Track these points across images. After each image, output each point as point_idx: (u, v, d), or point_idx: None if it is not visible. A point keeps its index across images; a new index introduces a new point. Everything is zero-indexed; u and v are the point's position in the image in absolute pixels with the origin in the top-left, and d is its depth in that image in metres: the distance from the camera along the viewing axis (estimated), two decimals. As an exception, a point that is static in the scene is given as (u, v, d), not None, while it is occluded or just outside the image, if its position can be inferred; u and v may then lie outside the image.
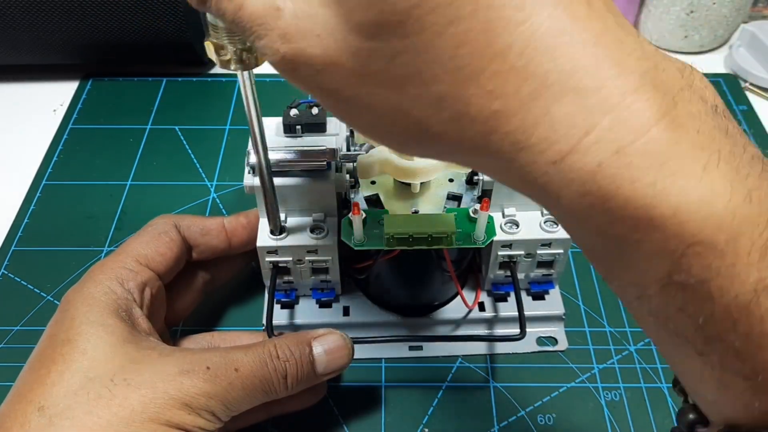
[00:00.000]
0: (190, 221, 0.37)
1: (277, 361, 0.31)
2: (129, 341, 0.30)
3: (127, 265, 0.33)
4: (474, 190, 0.37)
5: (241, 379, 0.29)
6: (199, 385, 0.29)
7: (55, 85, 0.61)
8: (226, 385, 0.29)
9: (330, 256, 0.37)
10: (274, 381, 0.30)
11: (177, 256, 0.35)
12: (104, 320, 0.30)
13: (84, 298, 0.31)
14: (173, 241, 0.35)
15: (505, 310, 0.42)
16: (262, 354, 0.30)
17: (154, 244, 0.35)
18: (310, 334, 0.33)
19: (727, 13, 0.61)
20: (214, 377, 0.29)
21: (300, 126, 0.37)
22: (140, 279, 0.33)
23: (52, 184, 0.52)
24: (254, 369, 0.30)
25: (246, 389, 0.30)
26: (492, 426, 0.38)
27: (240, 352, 0.30)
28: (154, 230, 0.35)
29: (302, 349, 0.32)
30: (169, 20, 0.55)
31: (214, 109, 0.58)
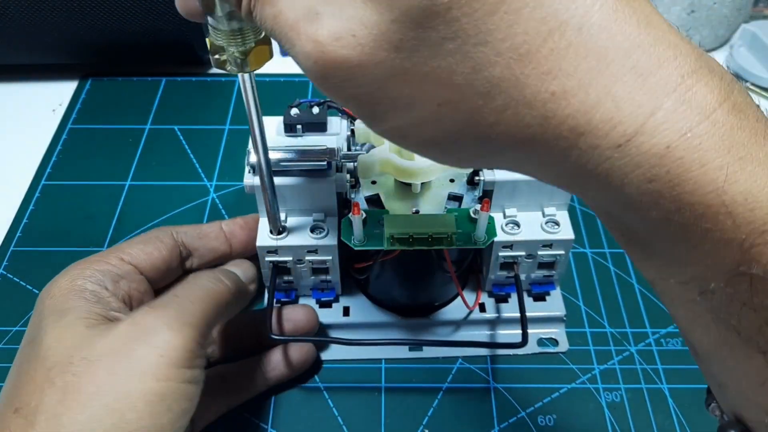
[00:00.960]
0: (187, 228, 0.37)
1: (204, 275, 0.33)
2: (85, 317, 0.29)
3: (105, 259, 0.33)
4: (475, 191, 0.37)
5: (185, 297, 0.30)
6: (151, 322, 0.29)
7: (54, 85, 0.61)
8: (175, 306, 0.30)
9: (330, 256, 0.37)
10: (212, 284, 0.32)
11: (165, 258, 0.35)
12: (63, 305, 0.30)
13: (51, 291, 0.31)
14: (163, 243, 0.35)
15: (506, 311, 0.41)
16: (189, 278, 0.33)
17: (143, 244, 0.35)
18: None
19: (727, 13, 0.60)
20: (161, 307, 0.29)
21: (301, 125, 0.37)
22: (116, 271, 0.32)
23: (52, 184, 0.52)
24: (190, 285, 0.31)
25: (195, 302, 0.30)
26: (492, 427, 0.38)
27: (171, 288, 0.32)
28: (147, 234, 0.36)
29: (216, 269, 0.34)
30: (169, 20, 0.55)
31: (214, 109, 0.58)
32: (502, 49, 0.17)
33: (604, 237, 0.48)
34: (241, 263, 0.36)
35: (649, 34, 0.17)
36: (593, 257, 0.46)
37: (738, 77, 0.61)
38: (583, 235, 0.48)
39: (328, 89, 0.20)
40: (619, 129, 0.17)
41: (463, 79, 0.18)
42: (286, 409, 0.38)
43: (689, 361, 0.41)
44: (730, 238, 0.17)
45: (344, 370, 0.40)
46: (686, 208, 0.17)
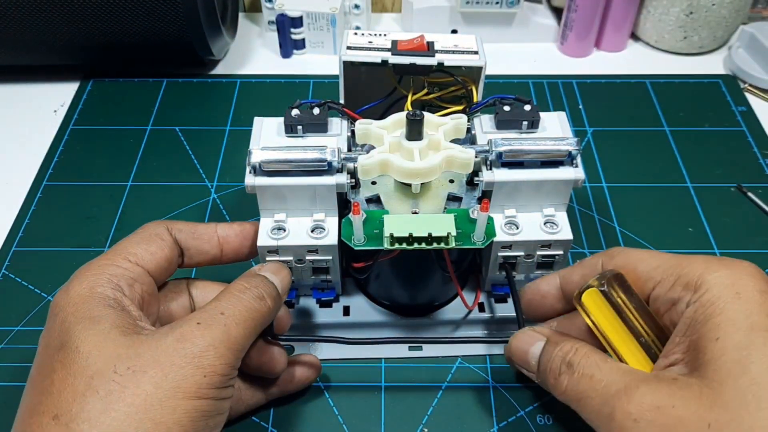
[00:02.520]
0: (182, 225, 0.37)
1: (249, 290, 0.32)
2: (119, 326, 0.29)
3: (116, 262, 0.32)
4: (474, 191, 0.37)
5: (231, 317, 0.30)
6: (199, 342, 0.29)
7: (55, 86, 0.61)
8: (222, 327, 0.30)
9: (330, 256, 0.37)
10: (256, 305, 0.32)
11: (168, 257, 0.35)
12: (91, 313, 0.30)
13: (70, 299, 0.30)
14: (165, 242, 0.35)
15: (505, 311, 0.42)
16: (234, 292, 0.32)
17: (145, 243, 0.34)
18: (253, 270, 0.35)
19: (726, 14, 0.61)
20: (208, 327, 0.29)
21: (301, 126, 0.37)
22: (129, 274, 0.32)
23: (53, 185, 0.52)
24: (236, 303, 0.31)
25: (240, 323, 0.30)
26: (491, 426, 0.38)
27: (215, 302, 0.31)
28: (144, 232, 0.35)
29: (259, 278, 0.33)
30: (170, 21, 0.55)
31: (215, 109, 0.58)
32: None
33: (603, 238, 0.48)
34: (279, 270, 0.35)
35: None
36: (592, 257, 0.47)
37: (736, 78, 0.62)
38: (581, 235, 0.48)
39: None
40: None
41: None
42: (286, 409, 0.39)
43: (687, 360, 0.41)
44: None
45: (344, 370, 0.40)
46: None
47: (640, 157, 0.54)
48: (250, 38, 0.67)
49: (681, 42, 0.63)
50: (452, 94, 0.40)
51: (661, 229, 0.48)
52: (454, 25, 0.65)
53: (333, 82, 0.60)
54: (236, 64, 0.64)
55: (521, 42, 0.66)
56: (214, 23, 0.57)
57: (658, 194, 0.51)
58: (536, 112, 0.38)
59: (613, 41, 0.65)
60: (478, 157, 0.36)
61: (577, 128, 0.57)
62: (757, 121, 0.57)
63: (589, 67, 0.64)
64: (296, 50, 0.64)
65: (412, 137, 0.35)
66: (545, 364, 0.32)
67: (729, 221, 0.49)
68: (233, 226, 0.38)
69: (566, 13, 0.63)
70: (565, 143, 0.36)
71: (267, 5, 0.64)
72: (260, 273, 0.34)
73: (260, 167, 0.35)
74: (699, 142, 0.55)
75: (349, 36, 0.40)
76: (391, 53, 0.38)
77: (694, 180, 0.52)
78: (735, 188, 0.52)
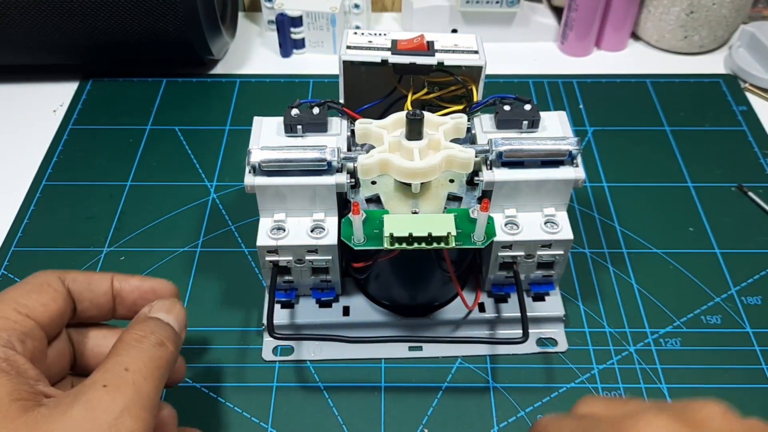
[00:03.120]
0: (76, 274, 0.33)
1: (146, 338, 0.30)
2: (17, 398, 0.26)
3: (5, 314, 0.29)
4: (474, 191, 0.37)
5: (137, 372, 0.28)
6: (112, 408, 0.26)
7: (55, 86, 0.61)
8: (131, 386, 0.27)
9: (330, 256, 0.37)
10: (158, 352, 0.29)
11: (61, 310, 0.31)
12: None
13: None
14: (57, 292, 0.31)
15: (506, 311, 0.42)
16: (131, 343, 0.29)
17: (37, 294, 0.30)
18: (142, 313, 0.32)
19: (726, 13, 0.61)
20: (117, 389, 0.27)
21: (301, 126, 0.37)
22: (20, 328, 0.29)
23: (52, 185, 0.52)
24: (138, 355, 0.28)
25: (148, 377, 0.28)
26: (492, 426, 0.38)
27: (114, 357, 0.28)
28: (35, 280, 0.31)
29: (152, 321, 0.31)
30: (170, 21, 0.55)
31: (214, 109, 0.58)
32: None
33: (603, 237, 0.48)
34: (171, 308, 0.32)
35: None
36: (592, 257, 0.47)
37: (737, 78, 0.62)
38: (582, 235, 0.48)
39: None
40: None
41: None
42: (286, 409, 0.38)
43: (688, 360, 0.41)
44: None
45: (344, 370, 0.40)
46: None
47: (640, 156, 0.54)
48: (250, 38, 0.67)
49: (681, 41, 0.63)
50: (452, 94, 0.40)
51: (661, 229, 0.48)
52: (454, 24, 0.65)
53: (333, 82, 0.60)
54: (236, 63, 0.64)
55: (521, 41, 0.66)
56: (213, 23, 0.57)
57: (659, 194, 0.51)
58: (536, 111, 0.38)
59: (614, 41, 0.65)
60: (478, 156, 0.36)
61: (577, 128, 0.57)
62: (757, 121, 0.57)
63: (590, 66, 0.64)
64: (296, 50, 0.64)
65: (412, 137, 0.35)
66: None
67: (729, 221, 0.49)
68: (131, 280, 0.34)
69: (566, 13, 0.63)
70: (566, 143, 0.36)
71: (267, 5, 0.64)
72: (151, 315, 0.31)
73: (260, 167, 0.35)
74: (699, 141, 0.55)
75: (349, 35, 0.40)
76: (391, 53, 0.38)
77: (695, 179, 0.52)
78: (735, 188, 0.51)
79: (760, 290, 0.44)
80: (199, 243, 0.47)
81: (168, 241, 0.47)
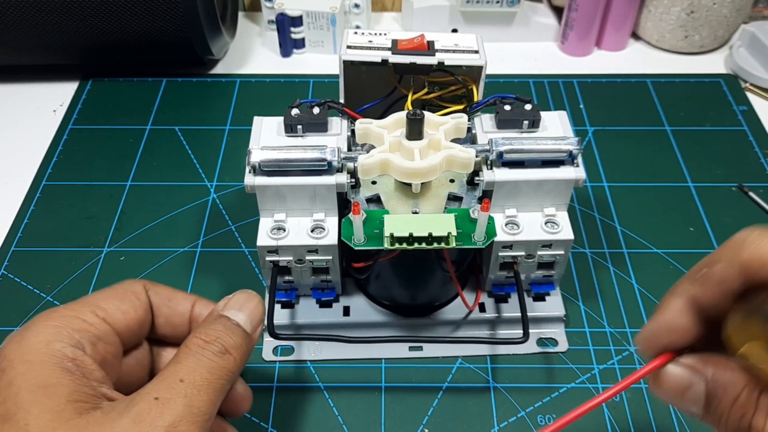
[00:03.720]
0: (161, 288, 0.32)
1: (209, 345, 0.28)
2: (74, 400, 0.26)
3: (81, 315, 0.28)
4: (475, 191, 0.37)
5: (192, 384, 0.27)
6: (158, 422, 0.25)
7: (55, 86, 0.61)
8: (182, 400, 0.26)
9: (330, 256, 0.37)
10: (219, 362, 0.28)
11: (140, 318, 0.30)
12: (45, 379, 0.26)
13: (22, 354, 0.26)
14: (140, 302, 0.31)
15: (506, 311, 0.41)
16: (192, 350, 0.28)
17: (118, 300, 0.30)
18: (216, 309, 0.31)
19: (727, 13, 0.61)
20: (167, 403, 0.26)
21: (301, 125, 0.37)
22: (94, 331, 0.28)
23: (52, 185, 0.52)
24: (196, 365, 0.27)
25: (203, 389, 0.27)
26: (492, 427, 0.38)
27: (172, 365, 0.28)
28: (120, 287, 0.31)
29: (221, 322, 0.30)
30: (169, 21, 0.55)
31: (214, 109, 0.58)
32: None
33: (604, 237, 0.48)
34: (246, 303, 0.31)
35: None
36: (593, 257, 0.46)
37: (737, 77, 0.61)
38: (582, 235, 0.48)
39: None
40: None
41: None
42: (286, 409, 0.38)
43: (688, 360, 0.41)
44: None
45: (344, 370, 0.40)
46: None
47: (641, 156, 0.54)
48: (250, 37, 0.67)
49: (682, 41, 0.63)
50: (453, 94, 0.40)
51: (662, 229, 0.48)
52: (455, 24, 0.65)
53: (333, 82, 0.60)
54: (236, 63, 0.64)
55: (522, 41, 0.66)
56: (213, 23, 0.57)
57: (659, 194, 0.51)
58: (537, 111, 0.38)
59: (614, 40, 0.65)
60: (479, 156, 0.36)
61: (577, 128, 0.57)
62: (758, 121, 0.57)
63: (590, 66, 0.64)
64: (296, 50, 0.64)
65: (413, 137, 0.35)
66: (722, 410, 0.24)
67: (730, 221, 0.49)
68: (211, 306, 0.32)
69: (567, 12, 0.63)
70: (566, 143, 0.36)
71: (267, 4, 0.64)
72: (223, 313, 0.30)
73: (260, 167, 0.35)
74: (700, 141, 0.55)
75: (349, 35, 0.40)
76: (392, 52, 0.38)
77: (695, 179, 0.52)
78: (736, 188, 0.51)
79: (760, 290, 0.44)
80: (199, 243, 0.47)
81: (168, 241, 0.47)
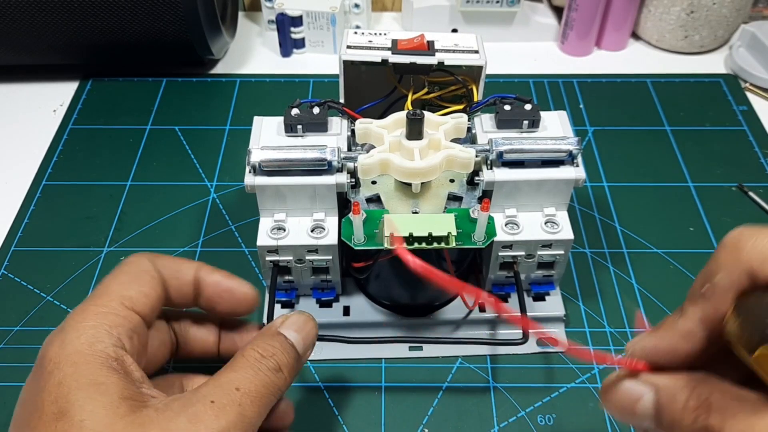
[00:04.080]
0: (165, 260, 0.33)
1: (265, 360, 0.29)
2: (126, 397, 0.26)
3: (113, 310, 0.29)
4: (475, 191, 0.37)
5: (247, 395, 0.28)
6: (213, 426, 0.26)
7: (55, 86, 0.61)
8: (237, 409, 0.27)
9: (330, 255, 0.37)
10: (272, 378, 0.29)
11: (160, 296, 0.31)
12: (95, 377, 0.26)
13: (67, 355, 0.27)
14: (155, 279, 0.31)
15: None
16: (250, 361, 0.29)
17: (138, 284, 0.30)
18: (273, 326, 0.31)
19: (727, 13, 0.61)
20: (223, 409, 0.27)
21: (301, 125, 0.37)
22: (129, 325, 0.29)
23: (52, 185, 0.52)
24: (251, 378, 0.28)
25: (255, 401, 0.28)
26: (492, 426, 0.38)
27: (229, 372, 0.29)
28: (133, 268, 0.31)
29: (278, 339, 0.30)
30: (170, 20, 0.55)
31: (214, 109, 0.58)
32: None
33: (604, 237, 0.48)
34: (304, 326, 0.31)
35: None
36: (593, 257, 0.46)
37: (737, 77, 0.61)
38: (582, 235, 0.48)
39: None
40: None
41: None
42: (287, 409, 0.38)
43: (688, 360, 0.41)
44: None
45: (344, 370, 0.40)
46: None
47: (641, 156, 0.54)
48: (250, 37, 0.67)
49: (682, 41, 0.63)
50: (452, 94, 0.40)
51: (662, 229, 0.48)
52: (455, 24, 0.65)
53: (333, 82, 0.60)
54: (236, 63, 0.64)
55: (522, 41, 0.66)
56: (213, 22, 0.57)
57: (659, 194, 0.51)
58: (537, 111, 0.38)
59: (614, 40, 0.65)
60: (479, 156, 0.36)
61: (577, 127, 0.57)
62: (758, 121, 0.57)
63: (590, 66, 0.64)
64: (296, 49, 0.64)
65: (413, 137, 0.35)
66: (676, 422, 0.24)
67: (730, 221, 0.49)
68: (214, 275, 0.33)
69: (567, 12, 0.63)
70: (566, 143, 0.36)
71: (267, 4, 0.64)
72: (281, 331, 0.31)
73: (260, 167, 0.35)
74: (700, 141, 0.55)
75: (349, 35, 0.40)
76: (391, 52, 0.38)
77: (695, 179, 0.52)
78: (736, 188, 0.51)
79: (760, 290, 0.44)
80: (199, 243, 0.47)
81: (168, 241, 0.47)
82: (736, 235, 0.23)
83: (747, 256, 0.22)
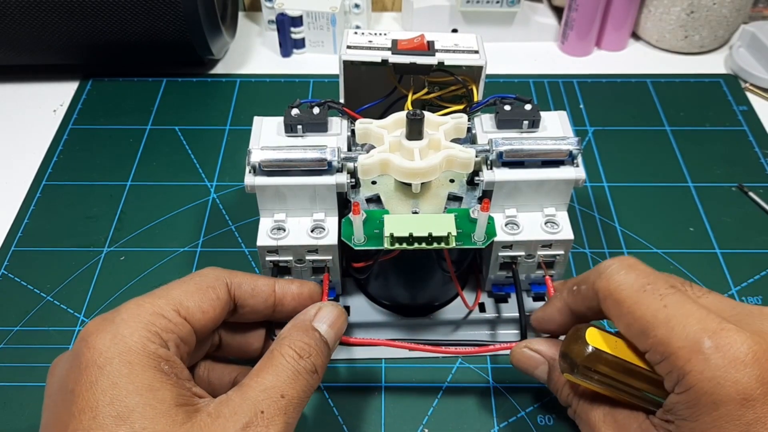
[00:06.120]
0: (242, 279, 0.33)
1: (303, 362, 0.30)
2: (180, 404, 0.27)
3: (167, 314, 0.29)
4: (475, 191, 0.37)
5: (291, 402, 0.28)
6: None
7: (55, 86, 0.61)
8: (284, 418, 0.28)
9: (330, 256, 0.37)
10: (310, 381, 0.30)
11: (217, 318, 0.31)
12: (151, 382, 0.27)
13: (120, 353, 0.27)
14: (220, 300, 0.31)
15: (506, 311, 0.41)
16: (290, 363, 0.29)
17: (199, 297, 0.31)
18: (307, 318, 0.32)
19: (727, 13, 0.61)
20: (272, 420, 0.27)
21: (301, 125, 0.37)
22: (178, 332, 0.29)
23: (52, 185, 0.52)
24: (293, 383, 0.29)
25: (297, 408, 0.29)
26: (492, 426, 0.38)
27: (272, 376, 0.29)
28: (202, 281, 0.31)
29: (313, 337, 0.31)
30: (170, 20, 0.55)
31: (214, 109, 0.58)
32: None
33: (604, 237, 0.48)
34: (337, 318, 0.32)
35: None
36: (593, 257, 0.46)
37: (737, 77, 0.61)
38: (582, 235, 0.48)
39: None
40: None
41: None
42: (287, 409, 0.38)
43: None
44: None
45: (344, 370, 0.40)
46: None
47: (641, 156, 0.54)
48: (250, 38, 0.67)
49: (682, 41, 0.63)
50: (452, 94, 0.40)
51: (661, 229, 0.48)
52: (455, 24, 0.65)
53: (333, 82, 0.60)
54: (236, 63, 0.64)
55: (522, 41, 0.66)
56: (213, 23, 0.57)
57: (659, 194, 0.51)
58: (537, 111, 0.38)
59: (614, 40, 0.65)
60: (479, 156, 0.36)
61: (577, 128, 0.57)
62: (758, 121, 0.57)
63: (590, 66, 0.64)
64: (296, 49, 0.64)
65: (413, 137, 0.35)
66: (555, 389, 0.34)
67: (730, 221, 0.49)
68: (291, 287, 0.35)
69: (567, 12, 0.63)
70: (566, 143, 0.36)
71: (267, 4, 0.64)
72: (315, 326, 0.32)
73: (260, 167, 0.35)
74: (700, 141, 0.55)
75: (349, 35, 0.40)
76: (392, 52, 0.38)
77: (695, 179, 0.52)
78: (736, 188, 0.51)
79: (760, 290, 0.44)
80: (199, 243, 0.47)
81: (168, 241, 0.47)
82: (606, 264, 0.31)
83: (599, 284, 0.30)
